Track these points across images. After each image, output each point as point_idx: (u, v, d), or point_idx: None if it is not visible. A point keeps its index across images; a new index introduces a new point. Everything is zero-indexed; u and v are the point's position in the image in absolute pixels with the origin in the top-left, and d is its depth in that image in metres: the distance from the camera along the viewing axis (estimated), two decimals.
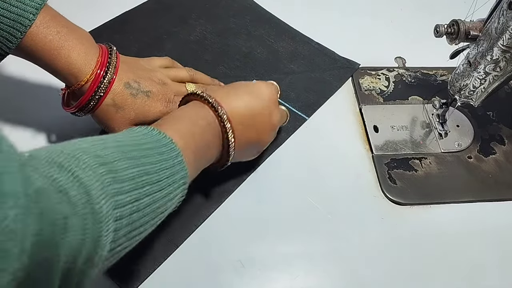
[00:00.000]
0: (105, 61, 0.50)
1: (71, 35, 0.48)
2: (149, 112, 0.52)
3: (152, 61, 0.57)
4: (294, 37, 0.71)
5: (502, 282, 0.53)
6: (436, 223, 0.56)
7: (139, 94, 0.51)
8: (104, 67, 0.49)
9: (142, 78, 0.52)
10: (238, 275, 0.50)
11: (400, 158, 0.60)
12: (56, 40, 0.47)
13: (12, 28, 0.45)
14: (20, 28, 0.45)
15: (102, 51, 0.50)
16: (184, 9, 0.73)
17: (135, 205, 0.35)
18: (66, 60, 0.48)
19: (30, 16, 0.45)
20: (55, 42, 0.47)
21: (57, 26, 0.47)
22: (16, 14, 0.44)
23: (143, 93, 0.52)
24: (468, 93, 0.56)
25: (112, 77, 0.50)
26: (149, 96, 0.52)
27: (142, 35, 0.68)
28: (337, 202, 0.56)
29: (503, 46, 0.50)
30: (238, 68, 0.66)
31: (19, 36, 0.45)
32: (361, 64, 0.69)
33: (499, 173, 0.61)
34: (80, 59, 0.48)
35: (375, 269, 0.52)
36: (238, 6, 0.74)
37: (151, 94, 0.52)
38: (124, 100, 0.51)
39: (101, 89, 0.49)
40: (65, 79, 0.49)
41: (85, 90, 0.49)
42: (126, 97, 0.51)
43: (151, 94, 0.52)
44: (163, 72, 0.55)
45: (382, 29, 0.75)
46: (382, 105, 0.65)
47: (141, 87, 0.52)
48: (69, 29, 0.48)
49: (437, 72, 0.70)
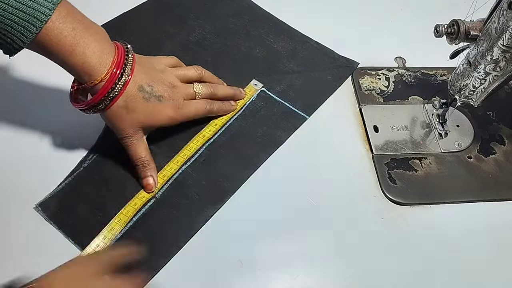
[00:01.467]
0: (121, 62, 0.49)
1: (87, 31, 0.47)
2: (158, 116, 0.52)
3: (161, 60, 0.56)
4: (293, 36, 0.71)
5: (502, 282, 0.53)
6: (436, 223, 0.56)
7: (151, 99, 0.51)
8: (120, 68, 0.49)
9: (155, 81, 0.52)
10: (238, 275, 0.50)
11: (400, 158, 0.60)
12: (72, 36, 0.46)
13: (28, 22, 0.43)
14: (36, 23, 0.43)
15: (119, 51, 0.50)
16: (183, 9, 0.73)
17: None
18: (81, 57, 0.47)
19: (47, 11, 0.43)
20: (70, 38, 0.46)
21: (73, 22, 0.46)
22: (33, 8, 0.43)
23: (156, 98, 0.51)
24: (468, 93, 0.56)
25: (128, 79, 0.49)
26: (160, 101, 0.52)
27: (142, 36, 0.68)
28: (337, 202, 0.56)
29: (503, 46, 0.50)
30: (238, 68, 0.66)
31: (34, 31, 0.44)
32: (361, 64, 0.69)
33: (499, 173, 0.61)
34: (95, 57, 0.47)
35: (375, 269, 0.52)
36: (237, 6, 0.74)
37: (163, 99, 0.52)
38: (137, 103, 0.50)
39: (115, 90, 0.49)
40: (79, 76, 0.49)
41: (98, 89, 0.48)
42: (138, 100, 0.50)
43: (163, 99, 0.52)
44: (172, 72, 0.55)
45: (382, 29, 0.75)
46: (382, 105, 0.65)
47: (154, 91, 0.51)
48: (85, 26, 0.47)
49: (437, 72, 0.70)
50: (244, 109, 0.62)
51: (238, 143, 0.59)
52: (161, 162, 0.56)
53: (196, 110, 0.56)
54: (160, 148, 0.57)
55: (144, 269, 0.48)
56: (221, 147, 0.58)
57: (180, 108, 0.54)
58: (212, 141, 0.59)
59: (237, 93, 0.62)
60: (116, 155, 0.55)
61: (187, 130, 0.59)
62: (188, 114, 0.55)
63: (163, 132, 0.56)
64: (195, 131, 0.59)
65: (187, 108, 0.55)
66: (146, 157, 0.54)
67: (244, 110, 0.62)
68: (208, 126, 0.60)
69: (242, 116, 0.61)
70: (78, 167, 0.56)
